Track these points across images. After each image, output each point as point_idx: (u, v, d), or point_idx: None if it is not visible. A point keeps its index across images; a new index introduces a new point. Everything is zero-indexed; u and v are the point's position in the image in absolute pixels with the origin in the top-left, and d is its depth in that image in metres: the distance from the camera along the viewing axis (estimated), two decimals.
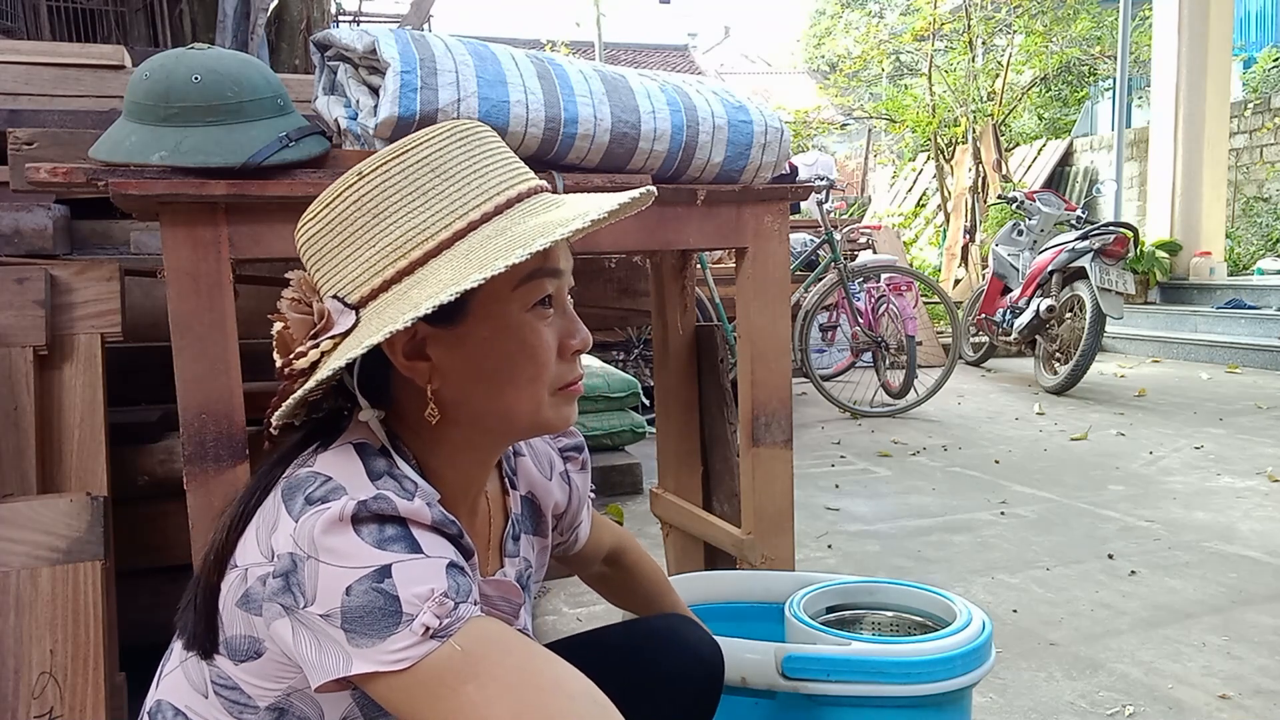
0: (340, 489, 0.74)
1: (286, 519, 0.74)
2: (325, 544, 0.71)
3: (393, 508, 0.73)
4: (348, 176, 0.78)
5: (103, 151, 1.26)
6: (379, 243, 0.77)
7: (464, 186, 0.78)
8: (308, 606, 0.71)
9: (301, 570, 0.71)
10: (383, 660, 0.69)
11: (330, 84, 1.52)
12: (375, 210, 0.77)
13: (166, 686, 0.84)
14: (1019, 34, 11.25)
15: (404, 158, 0.78)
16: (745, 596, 1.50)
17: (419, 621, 0.69)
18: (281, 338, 0.80)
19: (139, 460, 1.72)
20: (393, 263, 0.77)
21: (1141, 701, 1.77)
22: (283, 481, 0.78)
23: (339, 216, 0.78)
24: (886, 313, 5.07)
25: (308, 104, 1.60)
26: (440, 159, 0.78)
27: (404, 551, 0.71)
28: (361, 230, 0.77)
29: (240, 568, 0.77)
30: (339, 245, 0.78)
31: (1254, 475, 3.46)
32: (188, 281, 1.28)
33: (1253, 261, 8.08)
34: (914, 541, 2.79)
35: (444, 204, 0.77)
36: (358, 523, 0.71)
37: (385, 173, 0.77)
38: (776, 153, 1.64)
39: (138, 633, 1.64)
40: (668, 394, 2.07)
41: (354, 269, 0.78)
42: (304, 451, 0.82)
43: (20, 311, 1.52)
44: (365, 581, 0.69)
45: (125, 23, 5.77)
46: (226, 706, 0.79)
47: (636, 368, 4.99)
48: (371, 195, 0.77)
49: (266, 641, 0.75)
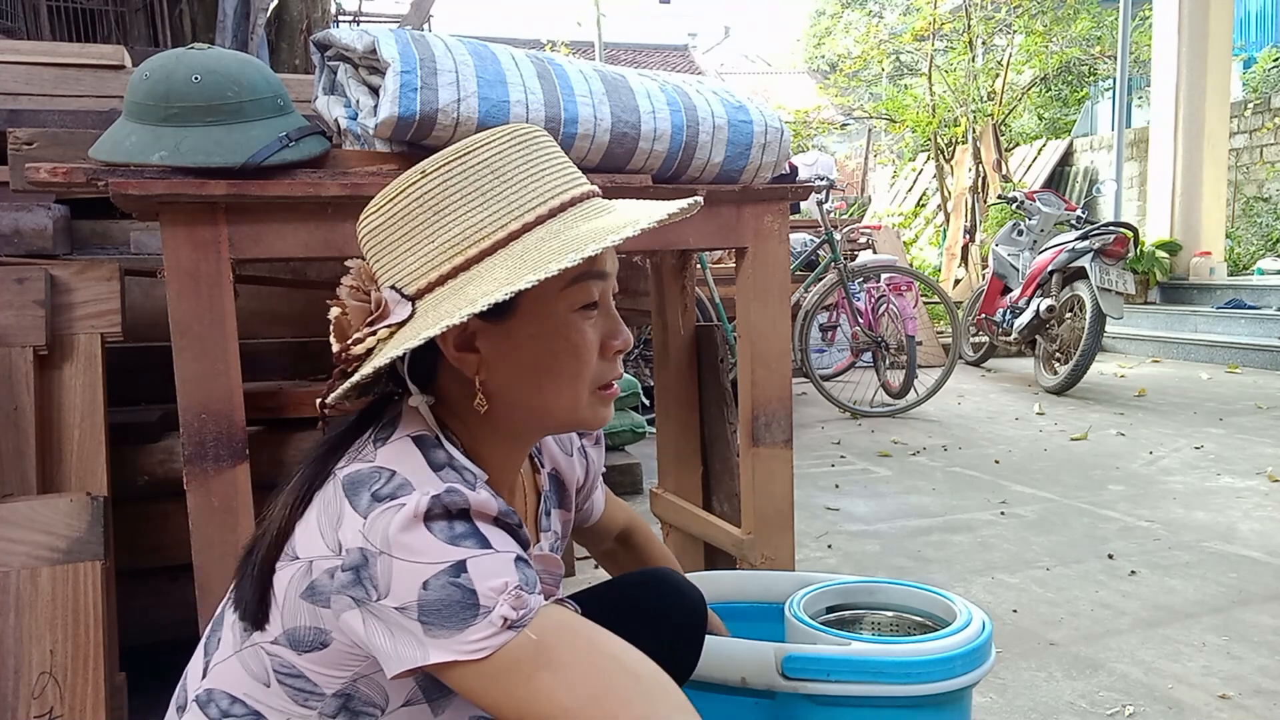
0: (407, 484, 0.77)
1: (353, 514, 0.76)
2: (399, 540, 0.73)
3: (464, 500, 0.76)
4: (411, 174, 0.81)
5: (103, 151, 1.26)
6: (438, 238, 0.80)
7: (521, 189, 0.81)
8: (381, 600, 0.74)
9: (374, 565, 0.74)
10: (461, 650, 0.73)
11: (330, 84, 1.52)
12: (436, 207, 0.80)
13: (219, 675, 0.85)
14: (1019, 34, 11.24)
15: (466, 159, 0.81)
16: (745, 596, 1.50)
17: (497, 613, 0.73)
18: (339, 324, 0.83)
19: (139, 460, 1.72)
20: (449, 258, 0.80)
21: (1141, 701, 1.77)
22: (342, 473, 0.80)
23: (401, 211, 0.81)
24: (886, 313, 5.07)
25: (308, 104, 1.60)
26: (500, 161, 0.81)
27: (476, 547, 0.75)
28: (422, 225, 0.80)
29: (303, 560, 0.79)
30: (400, 238, 0.81)
31: (1254, 475, 3.46)
32: (188, 281, 1.28)
33: (1253, 261, 8.08)
34: (914, 541, 2.79)
35: (501, 205, 0.80)
36: (430, 519, 0.74)
37: (448, 172, 0.81)
38: (776, 153, 1.64)
39: (138, 633, 1.64)
40: (668, 394, 2.07)
41: (413, 262, 0.81)
42: (359, 438, 0.84)
43: (20, 311, 1.52)
44: (442, 576, 0.73)
45: (125, 23, 5.77)
46: (291, 695, 0.82)
47: (636, 368, 4.99)
48: (433, 193, 0.80)
49: (334, 633, 0.78)
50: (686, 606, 1.14)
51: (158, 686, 0.95)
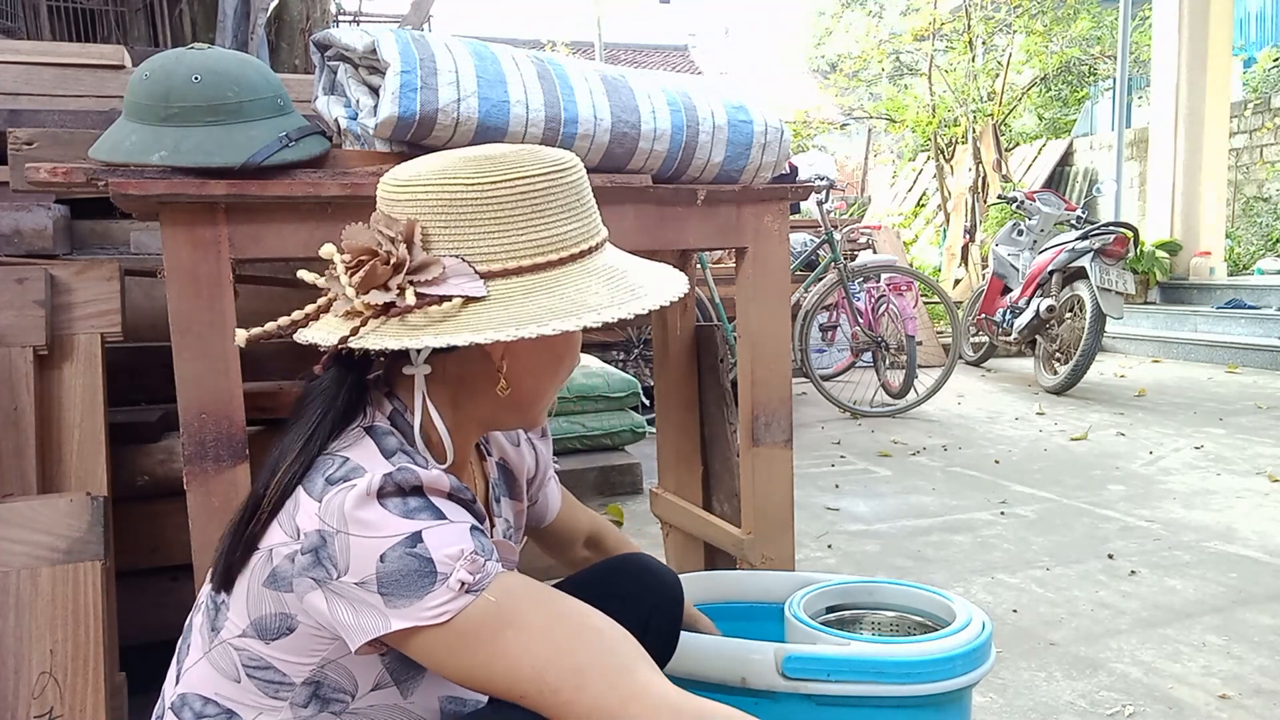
0: (360, 468, 0.80)
1: (308, 499, 0.79)
2: (354, 518, 0.76)
3: (415, 477, 0.79)
4: (510, 165, 0.84)
5: (103, 151, 1.26)
6: (528, 235, 0.84)
7: (589, 216, 0.90)
8: (341, 577, 0.76)
9: (332, 544, 0.76)
10: (422, 616, 0.75)
11: (330, 84, 1.52)
12: (535, 206, 0.84)
13: (190, 679, 0.86)
14: (1019, 34, 11.24)
15: (566, 174, 0.87)
16: (745, 596, 1.50)
17: (454, 579, 0.76)
18: (374, 270, 0.82)
19: (139, 460, 1.72)
20: (532, 256, 0.84)
21: (1141, 701, 1.77)
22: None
23: (499, 195, 0.83)
24: (886, 313, 5.07)
25: (308, 104, 1.60)
26: (581, 186, 0.89)
27: (431, 519, 0.78)
28: (518, 217, 0.84)
29: (263, 549, 0.81)
30: (489, 219, 0.83)
31: (1254, 475, 3.46)
32: (188, 281, 1.28)
33: (1253, 261, 8.08)
34: (914, 541, 2.79)
35: (580, 225, 0.88)
36: (383, 496, 0.77)
37: (551, 178, 0.86)
38: (776, 153, 1.63)
39: (138, 633, 1.64)
40: (668, 394, 2.07)
41: (494, 244, 0.84)
42: (349, 420, 0.86)
43: (20, 311, 1.52)
44: (399, 548, 0.75)
45: (125, 23, 5.77)
46: (261, 688, 0.83)
47: (636, 368, 4.99)
48: (537, 192, 0.85)
49: (299, 615, 0.80)
50: (660, 589, 1.15)
51: (158, 686, 0.95)
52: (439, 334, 0.80)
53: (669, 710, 0.76)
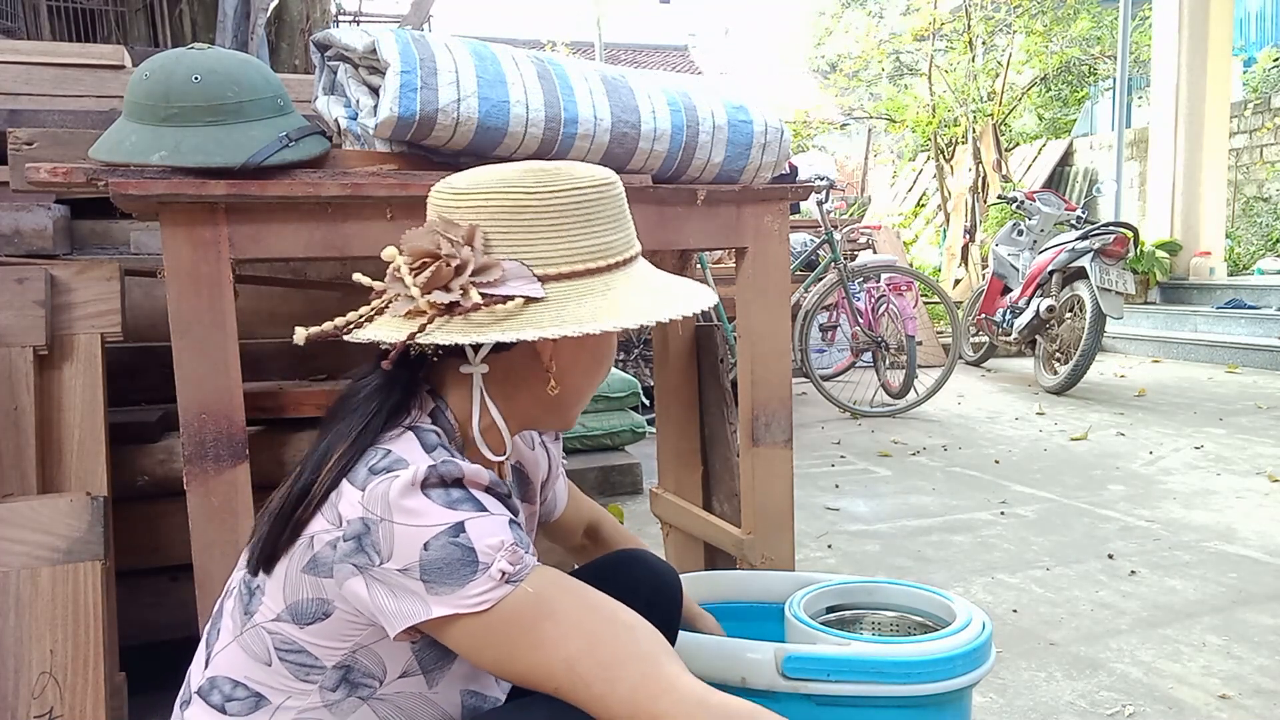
0: (402, 460, 0.82)
1: (351, 488, 0.82)
2: (399, 506, 0.79)
3: (458, 470, 0.82)
4: (567, 177, 0.89)
5: (103, 151, 1.26)
6: (585, 240, 0.90)
7: (629, 228, 0.96)
8: (384, 564, 0.78)
9: (376, 531, 0.79)
10: (463, 604, 0.78)
11: (330, 84, 1.52)
12: (588, 215, 0.90)
13: (220, 663, 0.88)
14: (1019, 34, 11.23)
15: (613, 187, 0.93)
16: (745, 596, 1.50)
17: (495, 568, 0.78)
18: (440, 272, 0.86)
19: (139, 460, 1.72)
20: (585, 261, 0.89)
21: (1141, 701, 1.77)
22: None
23: (560, 204, 0.88)
24: (886, 313, 5.07)
25: (308, 104, 1.60)
26: (623, 200, 0.95)
27: (473, 510, 0.80)
28: (572, 224, 0.89)
29: (305, 536, 0.83)
30: (547, 225, 0.88)
31: (1254, 475, 3.46)
32: (188, 281, 1.28)
33: (1253, 261, 8.07)
34: (914, 541, 2.79)
35: (624, 235, 0.95)
36: (427, 486, 0.80)
37: (603, 192, 0.92)
38: (776, 153, 1.63)
39: (138, 633, 1.64)
40: (668, 394, 2.07)
41: (552, 249, 0.88)
42: (399, 411, 0.89)
43: (20, 311, 1.52)
44: (442, 537, 0.78)
45: (125, 23, 5.77)
46: (293, 670, 0.85)
47: (636, 368, 4.99)
48: (591, 201, 0.90)
49: (337, 601, 0.82)
50: (658, 584, 1.18)
51: (158, 686, 0.95)
52: (505, 330, 0.84)
53: (697, 704, 0.78)
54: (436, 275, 0.86)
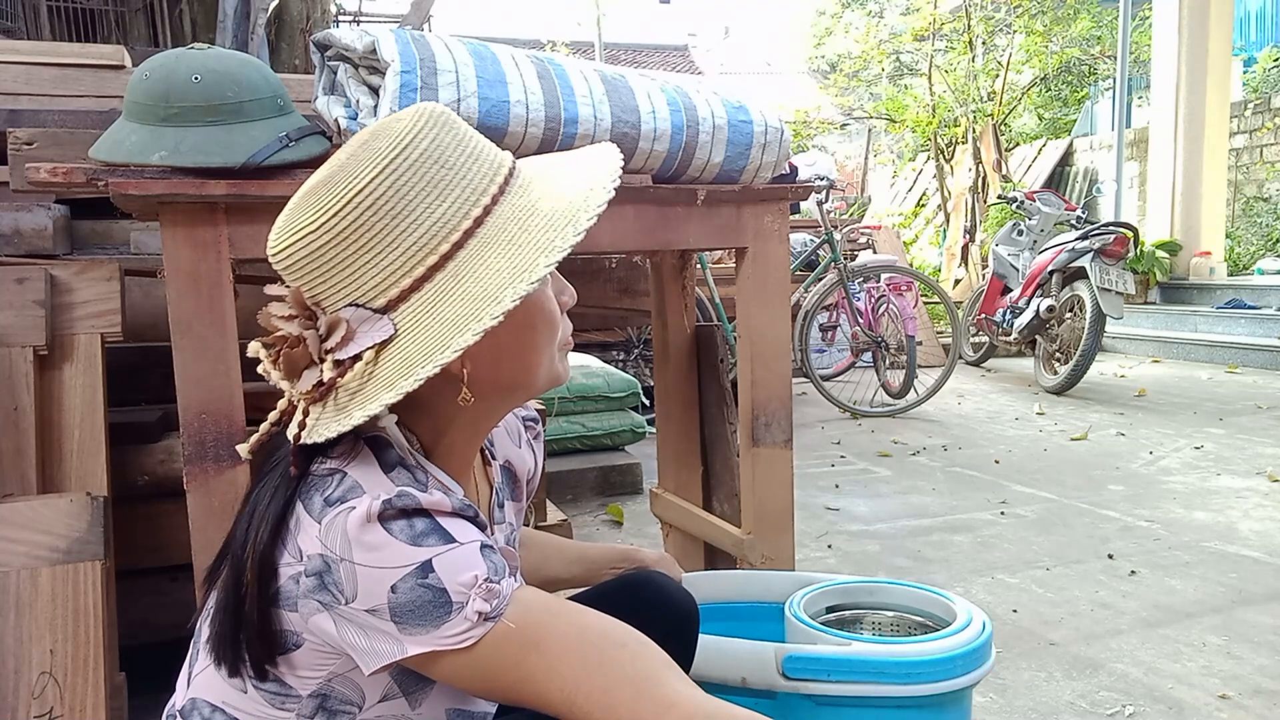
0: (357, 486, 0.75)
1: (308, 519, 0.75)
2: (359, 543, 0.72)
3: (416, 502, 0.74)
4: (345, 186, 0.76)
5: (103, 151, 1.26)
6: (403, 243, 0.76)
7: (469, 170, 0.79)
8: (350, 604, 0.73)
9: (337, 571, 0.73)
10: (441, 643, 0.72)
11: (330, 84, 1.51)
12: (393, 212, 0.76)
13: (199, 685, 0.84)
14: (1019, 34, 11.24)
15: (407, 152, 0.77)
16: (745, 596, 1.50)
17: (471, 609, 0.72)
18: (291, 358, 0.78)
19: (139, 460, 1.72)
20: (421, 260, 0.76)
21: (1141, 701, 1.76)
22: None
23: (351, 226, 0.76)
24: (886, 313, 5.07)
25: (308, 104, 1.60)
26: (439, 148, 0.78)
27: (439, 544, 0.73)
28: (381, 234, 0.76)
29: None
30: (353, 254, 0.76)
31: (1254, 475, 3.46)
32: (188, 281, 1.28)
33: (1253, 261, 8.07)
34: (914, 541, 2.79)
35: (459, 191, 0.78)
36: (385, 520, 0.73)
37: (395, 172, 0.76)
38: (776, 153, 1.63)
39: (138, 633, 1.64)
40: (668, 394, 2.07)
41: (375, 274, 0.76)
42: (318, 457, 0.80)
43: (20, 311, 1.52)
44: (410, 579, 0.72)
45: (125, 23, 5.77)
46: (268, 699, 0.81)
47: (636, 368, 4.98)
48: (387, 198, 0.76)
49: (305, 634, 0.77)
50: (674, 612, 1.11)
51: (158, 687, 0.95)
52: (366, 403, 0.75)
53: (703, 717, 0.73)
54: (289, 361, 0.77)
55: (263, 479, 0.82)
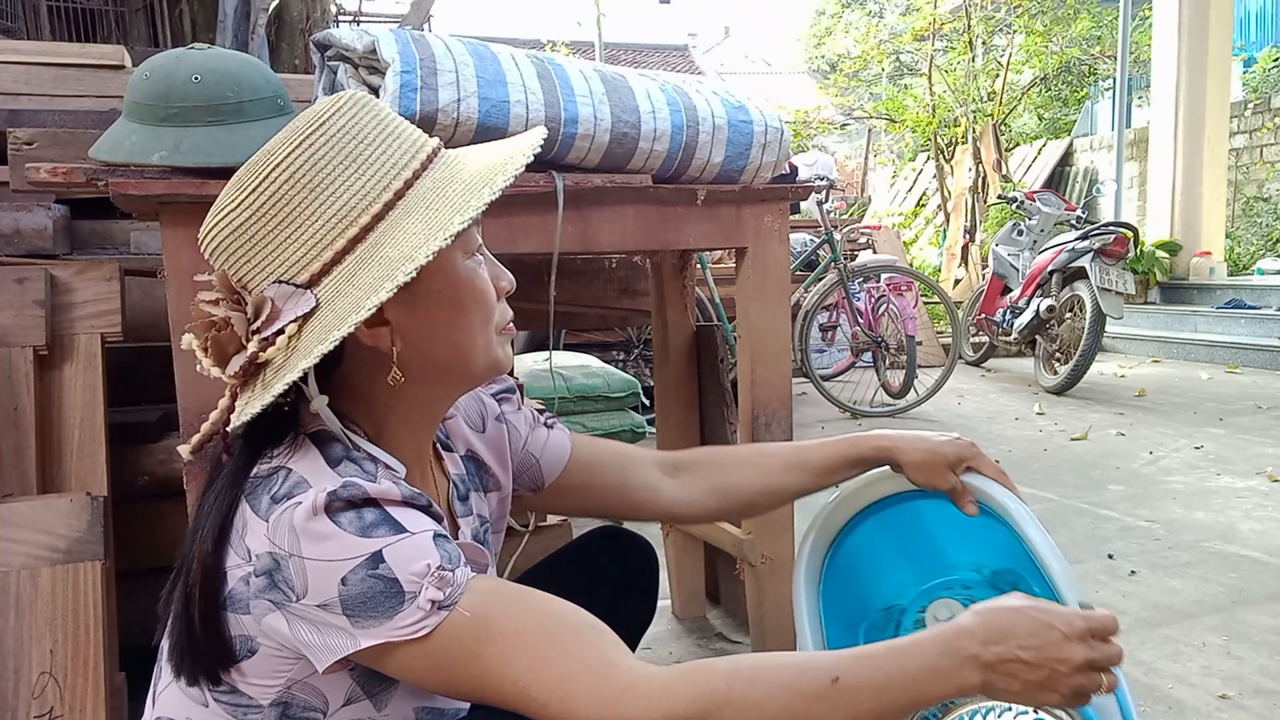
0: (303, 482, 0.75)
1: (255, 519, 0.75)
2: (307, 538, 0.72)
3: (363, 492, 0.74)
4: (264, 161, 0.77)
5: (103, 151, 1.26)
6: (322, 215, 0.77)
7: (388, 148, 0.80)
8: (301, 600, 0.72)
9: (286, 568, 0.72)
10: (395, 634, 0.72)
11: (330, 84, 1.51)
12: (311, 185, 0.77)
13: (163, 703, 0.84)
14: (1019, 34, 11.24)
15: (324, 129, 0.78)
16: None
17: (424, 598, 0.72)
18: (218, 342, 0.78)
19: (139, 460, 1.72)
20: (341, 233, 0.77)
21: (1141, 702, 1.76)
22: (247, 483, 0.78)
23: (269, 200, 0.77)
24: (886, 313, 5.07)
25: (308, 104, 1.60)
26: (356, 127, 0.79)
27: (389, 534, 0.73)
28: (300, 207, 0.77)
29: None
30: (273, 229, 0.77)
31: (1254, 475, 3.46)
32: (188, 281, 1.27)
33: (1253, 261, 8.07)
34: None
35: (378, 166, 0.79)
36: (333, 512, 0.72)
37: (311, 147, 0.77)
38: (776, 153, 1.63)
39: (138, 633, 1.64)
40: (668, 394, 2.07)
41: (296, 249, 0.77)
42: (262, 455, 0.80)
43: (20, 311, 1.52)
44: (360, 571, 0.71)
45: (125, 23, 5.77)
46: (230, 711, 0.80)
47: (636, 368, 4.99)
48: (303, 170, 0.77)
49: (259, 638, 0.76)
50: (635, 557, 1.17)
51: None
52: (288, 375, 0.75)
53: (660, 687, 0.72)
54: (217, 347, 0.78)
55: (210, 484, 0.82)
